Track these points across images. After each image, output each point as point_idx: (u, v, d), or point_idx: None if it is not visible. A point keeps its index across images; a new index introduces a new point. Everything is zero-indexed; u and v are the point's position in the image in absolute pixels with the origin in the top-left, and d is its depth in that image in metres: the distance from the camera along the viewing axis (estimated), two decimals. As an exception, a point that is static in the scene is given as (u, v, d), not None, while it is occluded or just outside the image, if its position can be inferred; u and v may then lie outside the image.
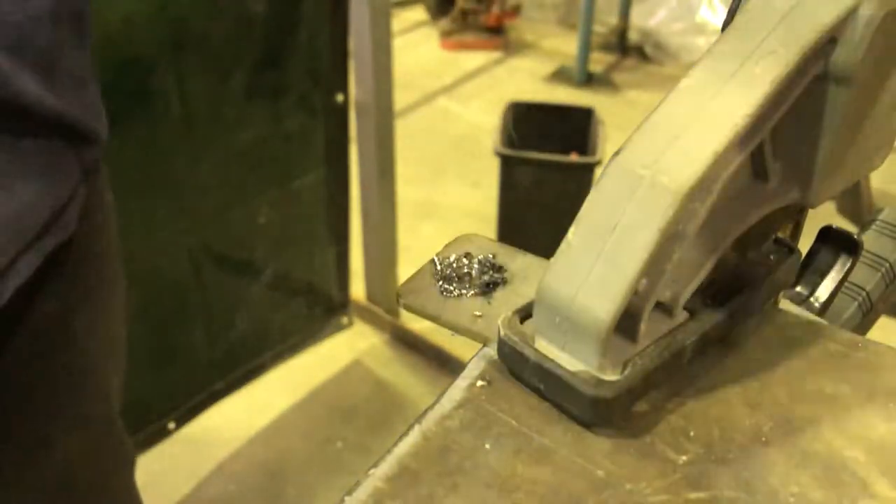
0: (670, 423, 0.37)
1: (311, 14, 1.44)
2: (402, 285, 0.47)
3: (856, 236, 0.50)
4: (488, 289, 0.46)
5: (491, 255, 0.48)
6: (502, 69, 3.58)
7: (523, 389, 0.39)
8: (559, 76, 3.42)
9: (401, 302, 0.46)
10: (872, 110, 0.40)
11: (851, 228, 0.49)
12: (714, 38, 0.39)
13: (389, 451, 0.36)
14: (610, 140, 2.00)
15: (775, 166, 0.41)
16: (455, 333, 0.44)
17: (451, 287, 0.46)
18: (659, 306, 0.40)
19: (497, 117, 2.10)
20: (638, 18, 3.67)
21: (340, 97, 1.57)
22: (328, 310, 1.85)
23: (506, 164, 1.94)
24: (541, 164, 1.92)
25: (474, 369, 0.41)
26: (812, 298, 0.50)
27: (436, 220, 2.36)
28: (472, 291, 0.46)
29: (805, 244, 0.48)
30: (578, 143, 2.15)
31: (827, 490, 0.34)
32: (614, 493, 0.34)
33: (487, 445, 0.36)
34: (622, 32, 3.69)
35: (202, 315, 1.54)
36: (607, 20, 3.73)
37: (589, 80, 3.36)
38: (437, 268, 0.48)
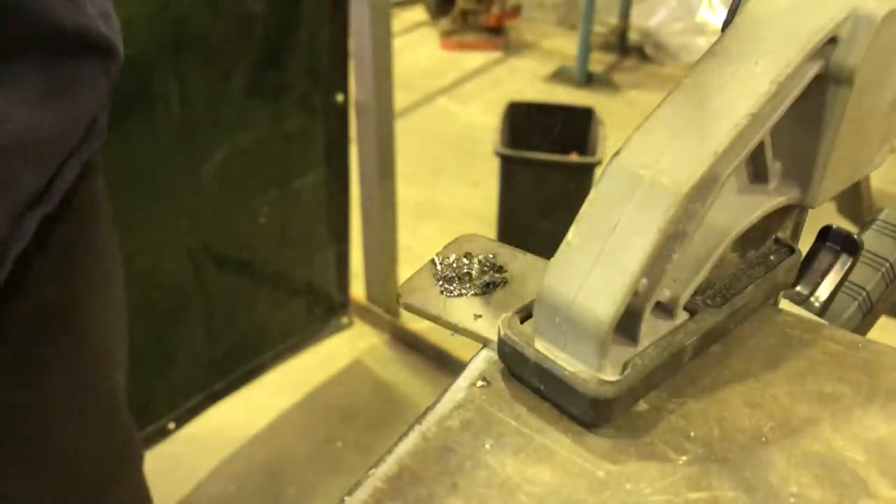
0: (670, 423, 0.37)
1: (311, 14, 1.44)
2: (402, 285, 0.47)
3: (856, 236, 0.50)
4: (488, 289, 0.46)
5: (491, 255, 0.48)
6: (502, 69, 3.58)
7: (523, 390, 0.39)
8: (559, 76, 3.42)
9: (401, 302, 0.46)
10: (872, 110, 0.40)
11: (851, 228, 0.49)
12: (714, 38, 0.39)
13: (389, 452, 0.36)
14: (610, 140, 2.00)
15: (775, 166, 0.41)
16: (455, 333, 0.44)
17: (451, 287, 0.46)
18: (659, 306, 0.40)
19: (497, 117, 2.10)
20: (638, 18, 3.67)
21: (340, 97, 1.57)
22: (328, 310, 1.85)
23: (506, 164, 1.94)
24: (541, 164, 1.92)
25: (474, 369, 0.41)
26: (812, 298, 0.50)
27: (436, 220, 2.36)
28: (472, 291, 0.46)
29: (805, 244, 0.48)
30: (578, 143, 2.15)
31: (827, 490, 0.34)
32: (614, 493, 0.34)
33: (487, 445, 0.36)
34: (622, 32, 3.69)
35: (202, 315, 1.54)
36: (607, 20, 3.73)
37: (589, 80, 3.36)
38: (437, 268, 0.48)
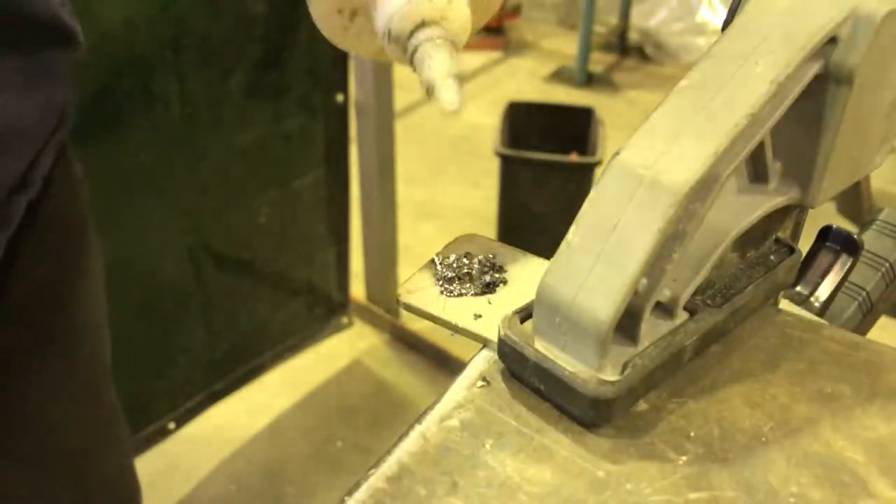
0: (670, 423, 0.37)
1: (311, 14, 1.44)
2: (402, 285, 0.47)
3: (856, 236, 0.50)
4: (488, 289, 0.46)
5: (491, 255, 0.48)
6: (502, 69, 3.58)
7: (523, 390, 0.39)
8: (559, 76, 3.42)
9: (401, 302, 0.46)
10: (872, 110, 0.40)
11: (851, 228, 0.49)
12: (714, 38, 0.39)
13: (389, 452, 0.36)
14: (610, 140, 2.00)
15: (775, 166, 0.41)
16: (455, 333, 0.44)
17: (451, 287, 0.46)
18: (659, 306, 0.40)
19: (497, 117, 2.10)
20: (638, 18, 3.67)
21: (340, 97, 1.57)
22: (328, 310, 1.85)
23: (506, 164, 1.94)
24: (541, 164, 1.92)
25: (474, 369, 0.41)
26: (812, 298, 0.50)
27: (436, 220, 2.36)
28: (472, 291, 0.46)
29: (805, 244, 0.48)
30: (578, 143, 2.15)
31: (827, 490, 0.34)
32: (614, 493, 0.34)
33: (487, 445, 0.36)
34: (622, 32, 3.69)
35: (202, 315, 1.54)
36: (607, 20, 3.73)
37: (589, 80, 3.36)
38: (437, 268, 0.48)
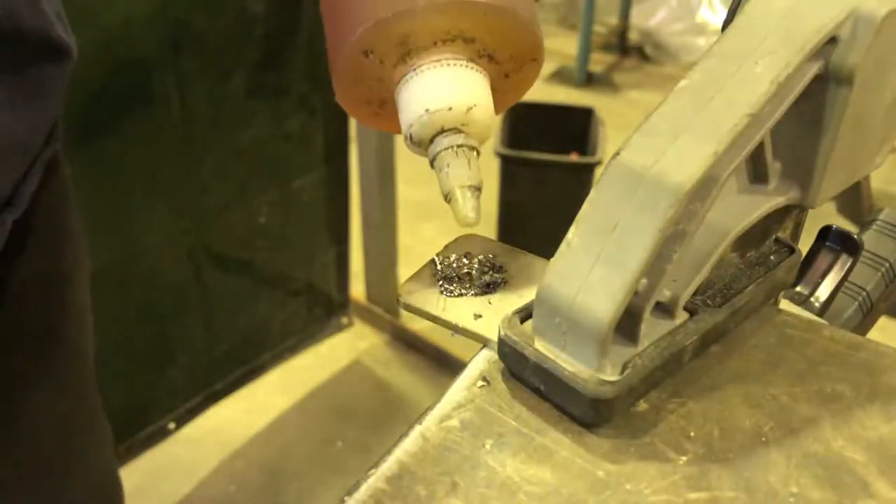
0: (670, 423, 0.37)
1: (311, 14, 1.44)
2: (402, 285, 0.47)
3: (856, 236, 0.50)
4: (488, 289, 0.46)
5: (491, 255, 0.48)
6: (502, 69, 3.57)
7: (523, 390, 0.39)
8: (559, 76, 3.42)
9: (401, 302, 0.46)
10: (872, 110, 0.40)
11: (851, 228, 0.49)
12: (714, 38, 0.39)
13: (389, 452, 0.36)
14: (610, 140, 2.00)
15: (775, 166, 0.41)
16: (455, 333, 0.44)
17: (452, 287, 0.46)
18: (659, 306, 0.40)
19: (497, 117, 2.10)
20: (638, 18, 3.67)
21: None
22: (328, 310, 1.85)
23: (505, 164, 1.94)
24: (541, 164, 1.92)
25: (474, 369, 0.41)
26: (812, 298, 0.50)
27: (436, 220, 2.35)
28: (472, 291, 0.46)
29: (805, 244, 0.48)
30: (578, 143, 2.15)
31: (827, 490, 0.34)
32: (614, 493, 0.34)
33: (487, 445, 0.36)
34: (622, 32, 3.69)
35: (202, 315, 1.54)
36: (607, 20, 3.73)
37: (589, 80, 3.36)
38: (437, 268, 0.48)
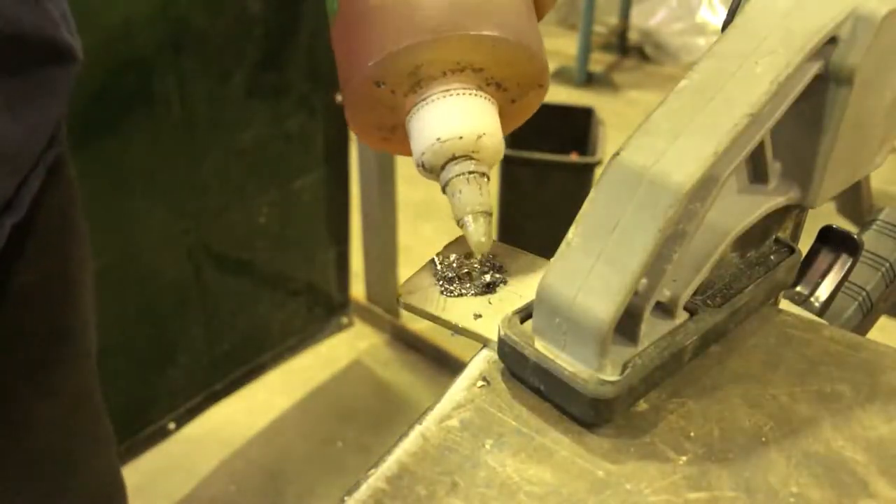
0: (670, 423, 0.37)
1: (311, 14, 1.44)
2: (402, 285, 0.47)
3: (856, 236, 0.50)
4: (488, 289, 0.46)
5: (491, 255, 0.48)
6: (502, 69, 3.57)
7: (523, 390, 0.39)
8: (559, 76, 3.42)
9: (401, 302, 0.46)
10: (872, 110, 0.40)
11: (851, 228, 0.49)
12: (714, 38, 0.39)
13: (389, 452, 0.36)
14: (610, 140, 2.00)
15: (775, 166, 0.41)
16: (455, 333, 0.44)
17: (452, 287, 0.46)
18: (659, 306, 0.40)
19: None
20: (638, 18, 3.68)
21: (340, 97, 1.57)
22: (328, 310, 1.85)
23: (506, 164, 1.94)
24: (541, 164, 1.92)
25: (474, 369, 0.41)
26: (812, 298, 0.50)
27: (436, 220, 2.35)
28: (472, 291, 0.46)
29: (805, 244, 0.48)
30: (578, 143, 2.15)
31: (827, 490, 0.34)
32: (614, 493, 0.34)
33: (487, 445, 0.36)
34: (622, 32, 3.69)
35: (202, 315, 1.54)
36: (607, 20, 3.73)
37: (589, 80, 3.36)
38: (437, 268, 0.47)
